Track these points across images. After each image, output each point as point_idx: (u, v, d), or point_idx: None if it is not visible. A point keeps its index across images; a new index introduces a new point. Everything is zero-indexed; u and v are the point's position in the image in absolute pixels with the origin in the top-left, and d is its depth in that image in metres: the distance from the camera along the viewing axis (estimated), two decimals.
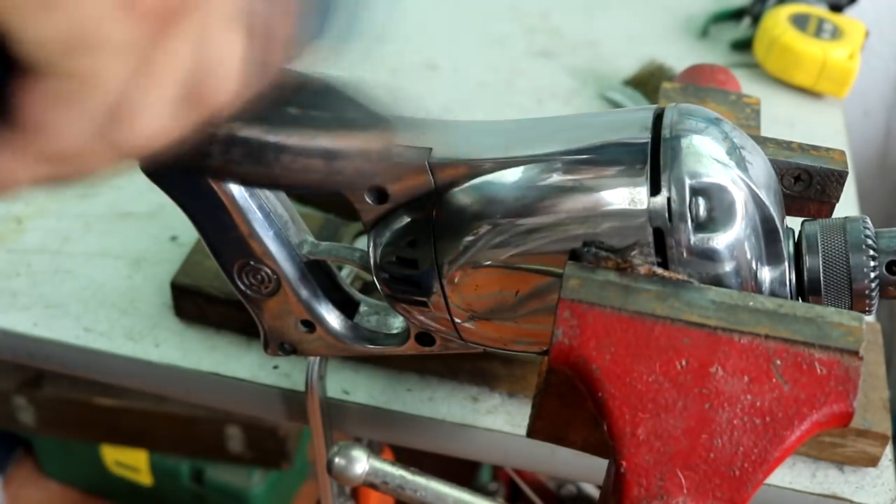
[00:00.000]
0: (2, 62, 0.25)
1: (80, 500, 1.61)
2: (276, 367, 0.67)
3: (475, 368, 0.66)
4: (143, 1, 0.24)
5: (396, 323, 0.54)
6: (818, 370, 0.36)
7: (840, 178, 0.48)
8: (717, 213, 0.40)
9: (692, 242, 0.40)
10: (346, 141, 0.36)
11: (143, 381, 0.70)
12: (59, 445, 1.54)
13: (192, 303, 0.68)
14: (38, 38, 0.24)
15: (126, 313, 0.71)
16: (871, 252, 0.42)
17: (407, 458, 0.62)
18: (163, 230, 0.78)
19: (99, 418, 1.41)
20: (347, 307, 0.54)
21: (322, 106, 0.37)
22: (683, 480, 0.37)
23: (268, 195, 0.50)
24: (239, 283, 0.52)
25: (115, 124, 0.27)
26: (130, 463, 1.48)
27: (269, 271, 0.51)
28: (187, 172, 0.36)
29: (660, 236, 0.40)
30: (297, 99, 0.36)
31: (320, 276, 0.53)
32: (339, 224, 0.71)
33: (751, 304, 0.38)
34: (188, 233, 0.52)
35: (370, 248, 0.48)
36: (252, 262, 0.50)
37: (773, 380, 0.37)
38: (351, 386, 0.66)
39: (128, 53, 0.25)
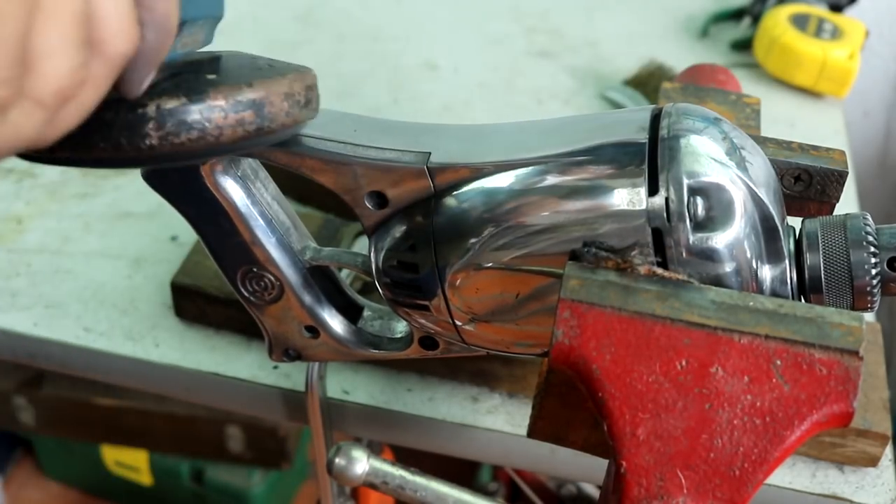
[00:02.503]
0: None
1: (80, 500, 1.61)
2: (276, 367, 0.67)
3: (475, 369, 0.66)
4: None
5: (400, 327, 0.55)
6: (818, 370, 0.36)
7: (840, 178, 0.48)
8: (716, 212, 0.40)
9: (691, 242, 0.40)
10: (270, 87, 0.37)
11: (143, 381, 0.70)
12: (59, 445, 1.54)
13: (192, 303, 0.68)
14: None
15: (126, 313, 0.71)
16: (872, 249, 0.42)
17: (407, 458, 0.62)
18: (163, 230, 0.78)
19: (99, 418, 1.41)
20: (351, 312, 0.54)
21: (228, 69, 0.38)
22: (683, 480, 0.37)
23: (270, 202, 0.50)
24: (242, 289, 0.52)
25: (24, 69, 0.28)
26: (130, 463, 1.48)
27: (272, 278, 0.51)
28: (134, 163, 0.37)
29: (658, 236, 0.40)
30: (202, 68, 0.38)
31: (323, 281, 0.53)
32: (339, 224, 0.71)
33: (751, 304, 0.38)
34: (188, 233, 0.52)
35: (371, 253, 0.48)
36: (255, 269, 0.51)
37: (773, 380, 0.37)
38: (351, 386, 0.66)
39: None
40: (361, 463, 0.52)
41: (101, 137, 0.35)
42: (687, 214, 0.40)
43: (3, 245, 0.76)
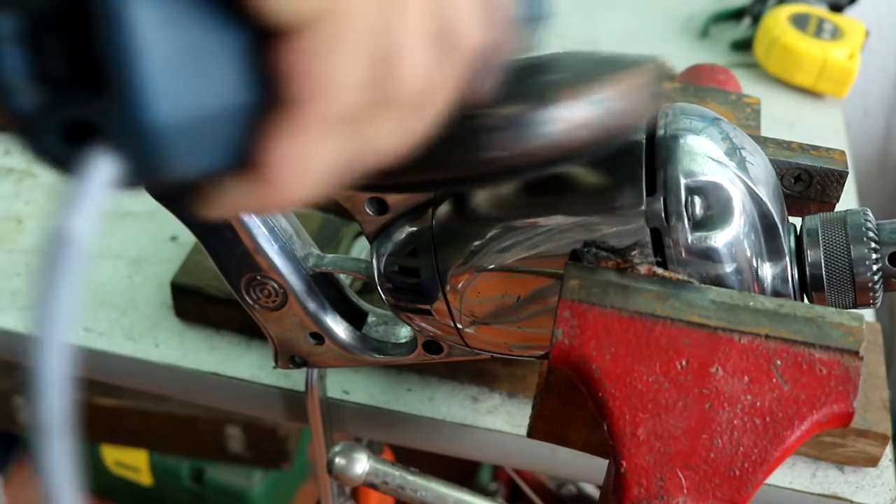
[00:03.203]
0: (251, 39, 0.24)
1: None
2: (275, 367, 0.67)
3: (475, 368, 0.66)
4: None
5: (404, 332, 0.55)
6: (818, 370, 0.36)
7: (840, 178, 0.48)
8: (714, 211, 0.40)
9: (690, 241, 0.40)
10: (613, 84, 0.34)
11: (143, 381, 0.70)
12: None
13: (192, 303, 0.68)
14: None
15: (126, 313, 0.71)
16: (873, 244, 0.42)
17: (407, 458, 0.62)
18: (163, 230, 0.78)
19: (99, 418, 1.41)
20: (355, 318, 0.55)
21: (567, 68, 0.36)
22: (683, 480, 0.37)
23: None
24: (247, 297, 0.52)
25: (384, 72, 0.26)
26: (130, 463, 1.48)
27: (275, 285, 0.51)
28: (461, 181, 0.35)
29: (657, 236, 0.40)
30: (539, 71, 0.35)
31: (327, 288, 0.53)
32: (339, 224, 0.71)
33: (751, 304, 0.38)
34: (188, 233, 0.53)
35: (373, 259, 0.48)
36: (259, 277, 0.51)
37: (774, 380, 0.37)
38: (351, 386, 0.66)
39: None
40: (361, 463, 0.52)
41: (449, 154, 0.32)
42: (685, 214, 0.40)
43: (3, 245, 0.76)
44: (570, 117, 0.33)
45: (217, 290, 0.67)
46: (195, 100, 0.24)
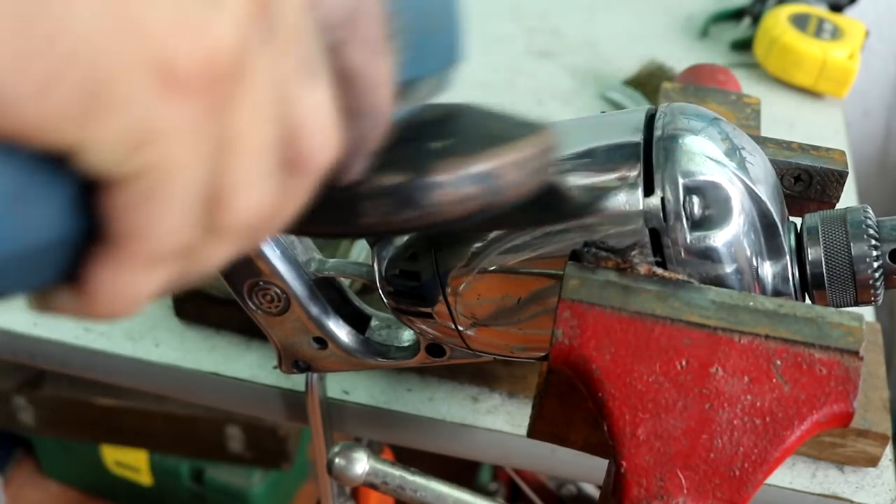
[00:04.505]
0: (78, 183, 0.24)
1: (80, 500, 1.61)
2: (275, 367, 0.67)
3: (475, 368, 0.66)
4: (183, 78, 0.22)
5: (406, 335, 0.55)
6: (818, 370, 0.36)
7: (840, 178, 0.48)
8: (713, 210, 0.40)
9: (689, 241, 0.40)
10: (497, 158, 0.33)
11: (143, 381, 0.70)
12: (59, 445, 1.54)
13: (192, 303, 0.68)
14: (97, 146, 0.22)
15: None
16: (873, 241, 0.42)
17: (407, 458, 0.62)
18: None
19: (99, 418, 1.41)
20: (358, 322, 0.55)
21: (457, 132, 0.35)
22: (683, 480, 0.37)
23: None
24: (250, 303, 0.52)
25: (214, 209, 0.25)
26: (130, 463, 1.48)
27: (278, 290, 0.51)
28: (345, 237, 0.34)
29: (656, 236, 0.40)
30: (429, 132, 0.34)
31: (330, 292, 0.53)
32: None
33: (751, 304, 0.38)
34: None
35: (375, 263, 0.48)
36: (261, 282, 0.51)
37: (774, 380, 0.37)
38: (351, 386, 0.66)
39: (193, 132, 0.23)
40: (361, 463, 0.52)
41: (312, 216, 0.31)
42: (683, 214, 0.40)
43: None
44: (449, 192, 0.32)
45: (217, 290, 0.67)
46: (17, 236, 0.24)
